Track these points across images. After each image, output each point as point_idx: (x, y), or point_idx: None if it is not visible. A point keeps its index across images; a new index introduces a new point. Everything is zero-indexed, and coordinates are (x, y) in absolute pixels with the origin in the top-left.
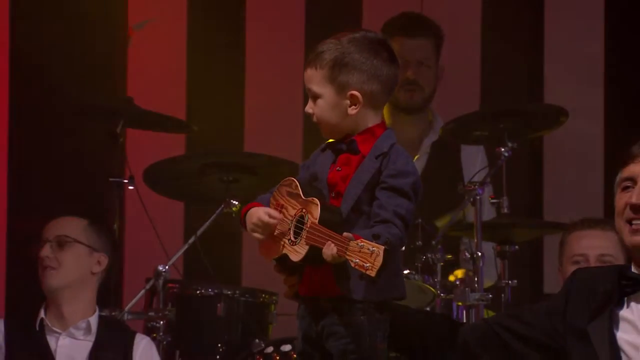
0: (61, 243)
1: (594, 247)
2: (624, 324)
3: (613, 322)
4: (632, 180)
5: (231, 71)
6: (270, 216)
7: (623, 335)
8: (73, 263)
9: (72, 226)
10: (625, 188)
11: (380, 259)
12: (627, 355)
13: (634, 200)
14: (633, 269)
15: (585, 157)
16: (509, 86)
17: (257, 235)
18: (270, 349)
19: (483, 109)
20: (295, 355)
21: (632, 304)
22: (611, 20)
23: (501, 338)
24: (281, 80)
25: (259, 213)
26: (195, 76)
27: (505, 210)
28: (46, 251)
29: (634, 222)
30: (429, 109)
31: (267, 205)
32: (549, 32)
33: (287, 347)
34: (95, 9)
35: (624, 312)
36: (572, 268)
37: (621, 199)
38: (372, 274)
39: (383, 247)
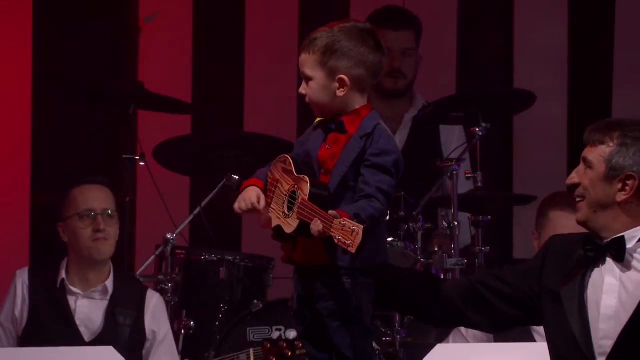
0: (109, 215)
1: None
2: (592, 285)
3: (584, 287)
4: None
5: (232, 59)
6: (257, 204)
7: (591, 297)
8: (115, 233)
9: (111, 199)
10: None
11: (359, 238)
12: (592, 315)
13: (568, 180)
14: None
15: (551, 136)
16: (482, 72)
17: (236, 207)
18: (276, 335)
19: (459, 93)
20: (300, 345)
21: (600, 268)
22: (574, 10)
23: (483, 295)
24: (277, 67)
25: (252, 193)
26: (200, 63)
27: (479, 184)
28: (102, 224)
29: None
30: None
31: (265, 179)
32: (517, 23)
33: (291, 333)
34: (110, 2)
35: (594, 274)
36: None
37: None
38: (353, 250)
39: (362, 226)
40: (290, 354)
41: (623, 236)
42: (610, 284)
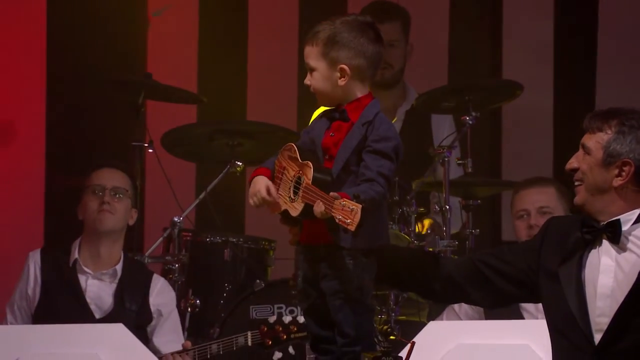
0: (117, 193)
1: (533, 201)
2: (589, 265)
3: (582, 266)
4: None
5: (235, 51)
6: (268, 193)
7: (588, 276)
8: (123, 212)
9: (125, 181)
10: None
11: (358, 216)
12: (589, 293)
13: (567, 165)
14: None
15: (537, 125)
16: (472, 63)
17: (251, 202)
18: (273, 319)
19: (450, 83)
20: (295, 328)
21: (596, 249)
22: (559, 5)
23: (483, 273)
24: (278, 60)
25: (261, 186)
26: (205, 55)
27: (470, 170)
28: (108, 197)
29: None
30: (402, 83)
31: (273, 168)
32: (506, 17)
33: (287, 318)
34: None
35: (591, 255)
36: (518, 222)
37: None
38: (352, 228)
39: (361, 205)
40: (285, 337)
41: (619, 219)
42: (606, 264)
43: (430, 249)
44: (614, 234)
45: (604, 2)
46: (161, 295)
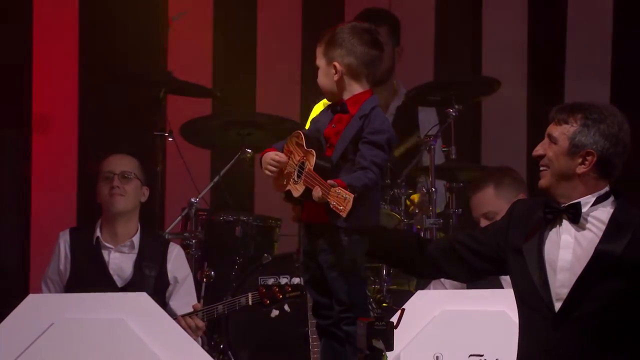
0: (126, 176)
1: (479, 209)
2: (549, 242)
3: (542, 242)
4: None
5: (245, 52)
6: (278, 156)
7: (548, 252)
8: (133, 193)
9: (132, 164)
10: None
11: (350, 204)
12: (551, 269)
13: (535, 151)
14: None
15: (513, 116)
16: (455, 61)
17: (267, 172)
18: (271, 281)
19: (436, 80)
20: (290, 288)
21: (557, 228)
22: (532, 9)
23: (459, 252)
24: (283, 58)
25: (270, 155)
26: (219, 55)
27: (453, 157)
28: (117, 182)
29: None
30: (394, 81)
31: (281, 150)
32: (485, 20)
33: (282, 280)
34: (145, 3)
35: (551, 233)
36: (483, 222)
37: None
38: (344, 215)
39: (353, 195)
40: (281, 296)
41: (579, 202)
42: (566, 240)
43: (419, 227)
44: (575, 215)
45: (573, 6)
46: (177, 262)
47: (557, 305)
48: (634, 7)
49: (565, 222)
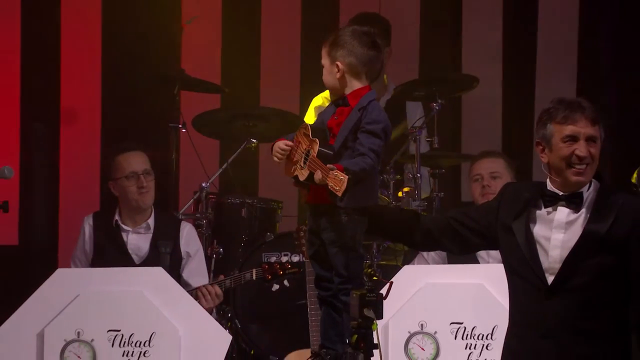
0: (148, 173)
1: (486, 168)
2: (540, 222)
3: (530, 221)
4: (574, 137)
5: (251, 52)
6: (285, 144)
7: (538, 231)
8: (154, 187)
9: (147, 160)
10: (567, 141)
11: (344, 185)
12: (540, 244)
13: (582, 153)
14: (549, 187)
15: (489, 111)
16: (438, 61)
17: (275, 159)
18: (273, 258)
19: (421, 77)
20: (289, 265)
21: (548, 208)
22: (507, 16)
23: (454, 227)
24: (285, 58)
25: (279, 144)
26: (227, 55)
27: (436, 146)
28: (142, 181)
29: (577, 166)
30: (383, 78)
31: (291, 140)
32: (465, 22)
33: (284, 258)
34: (161, 9)
35: (540, 213)
36: (474, 184)
37: (565, 150)
38: (339, 194)
39: (347, 177)
40: (281, 273)
41: (582, 192)
42: (559, 221)
43: (405, 208)
44: (578, 203)
45: (543, 12)
46: (188, 238)
47: (550, 279)
48: (597, 11)
49: (560, 207)
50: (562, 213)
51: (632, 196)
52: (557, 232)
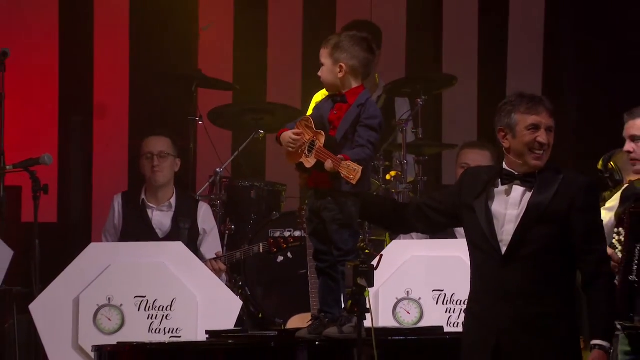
0: (162, 155)
1: (473, 159)
2: (497, 199)
3: (489, 199)
4: (537, 126)
5: (259, 54)
6: (296, 134)
7: (496, 207)
8: (169, 167)
9: (166, 144)
10: (530, 129)
11: (359, 174)
12: (496, 219)
13: (543, 140)
14: (505, 166)
15: (466, 105)
16: (422, 62)
17: (289, 148)
18: (277, 234)
19: (407, 76)
20: (292, 240)
21: (503, 187)
22: (482, 22)
23: (424, 211)
24: (288, 60)
25: (289, 134)
26: (238, 57)
27: (420, 136)
28: (156, 161)
29: (537, 151)
30: (376, 76)
31: (291, 128)
32: (445, 29)
33: (287, 233)
34: (181, 16)
35: (498, 191)
36: (459, 170)
37: (529, 136)
38: (354, 182)
39: (361, 167)
40: (285, 246)
41: (535, 172)
42: (514, 199)
43: (393, 191)
44: (530, 182)
45: (513, 19)
46: (205, 217)
47: (504, 249)
48: (561, 11)
49: (515, 185)
50: (517, 191)
51: (572, 172)
52: (511, 208)
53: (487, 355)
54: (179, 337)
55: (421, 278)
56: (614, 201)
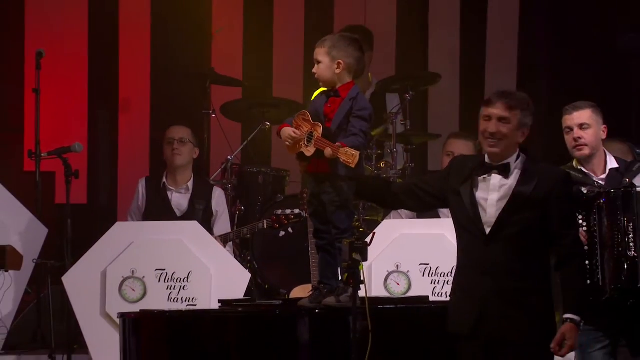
0: (182, 141)
1: (459, 149)
2: (480, 186)
3: (474, 186)
4: (489, 117)
5: (265, 54)
6: (294, 133)
7: (479, 193)
8: (187, 152)
9: (186, 132)
10: (485, 119)
11: (357, 158)
12: (480, 204)
13: (491, 130)
14: (485, 159)
15: (448, 99)
16: (410, 60)
17: (287, 143)
18: (279, 212)
19: (397, 74)
20: (292, 216)
21: (486, 176)
22: (463, 24)
23: (415, 191)
24: (290, 59)
25: (288, 131)
26: (247, 57)
27: (408, 127)
28: (176, 145)
29: (489, 140)
30: (369, 75)
31: (290, 123)
32: (431, 31)
33: (287, 211)
34: (196, 20)
35: (480, 179)
36: (445, 158)
37: (482, 125)
38: (353, 166)
39: (358, 152)
40: (286, 222)
41: (509, 162)
42: (494, 185)
43: (384, 176)
44: (505, 170)
45: (491, 22)
46: (219, 200)
47: (488, 230)
48: (535, 11)
49: (493, 174)
50: (496, 179)
51: (549, 165)
52: (492, 194)
53: (471, 322)
54: (195, 305)
55: (409, 253)
56: None
